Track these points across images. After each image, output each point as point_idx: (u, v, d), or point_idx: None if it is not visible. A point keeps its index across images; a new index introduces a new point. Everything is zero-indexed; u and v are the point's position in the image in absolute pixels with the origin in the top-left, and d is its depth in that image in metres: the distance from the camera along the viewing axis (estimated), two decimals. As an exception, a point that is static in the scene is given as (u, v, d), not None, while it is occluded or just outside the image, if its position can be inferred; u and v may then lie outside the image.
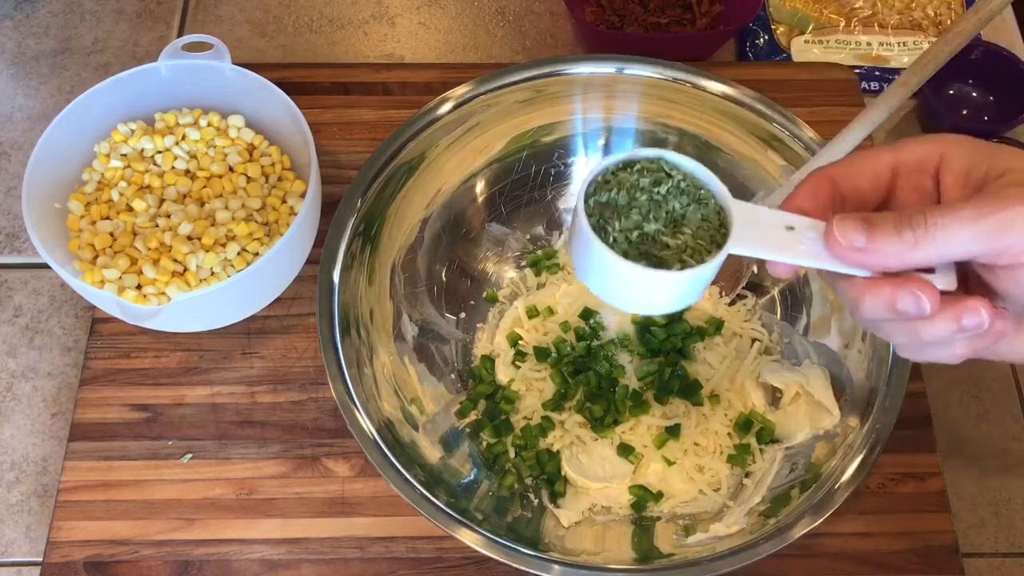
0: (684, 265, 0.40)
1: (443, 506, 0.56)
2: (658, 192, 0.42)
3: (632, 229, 0.42)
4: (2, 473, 0.67)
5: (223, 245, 0.64)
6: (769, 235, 0.41)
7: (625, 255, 0.40)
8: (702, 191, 0.43)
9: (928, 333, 0.40)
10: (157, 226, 0.65)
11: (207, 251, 0.63)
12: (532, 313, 0.68)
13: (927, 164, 0.42)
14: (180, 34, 0.87)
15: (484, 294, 0.70)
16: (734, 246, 0.41)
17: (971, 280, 0.43)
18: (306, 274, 0.68)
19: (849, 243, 0.40)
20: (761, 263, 0.67)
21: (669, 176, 0.43)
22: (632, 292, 0.42)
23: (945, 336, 0.40)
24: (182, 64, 0.68)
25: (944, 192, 0.42)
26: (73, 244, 0.64)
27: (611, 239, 0.41)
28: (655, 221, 0.42)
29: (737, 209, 0.42)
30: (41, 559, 0.61)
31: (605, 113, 0.70)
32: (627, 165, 0.43)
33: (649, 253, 0.41)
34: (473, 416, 0.65)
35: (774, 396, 0.65)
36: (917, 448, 0.64)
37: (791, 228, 0.41)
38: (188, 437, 0.64)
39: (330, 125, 0.75)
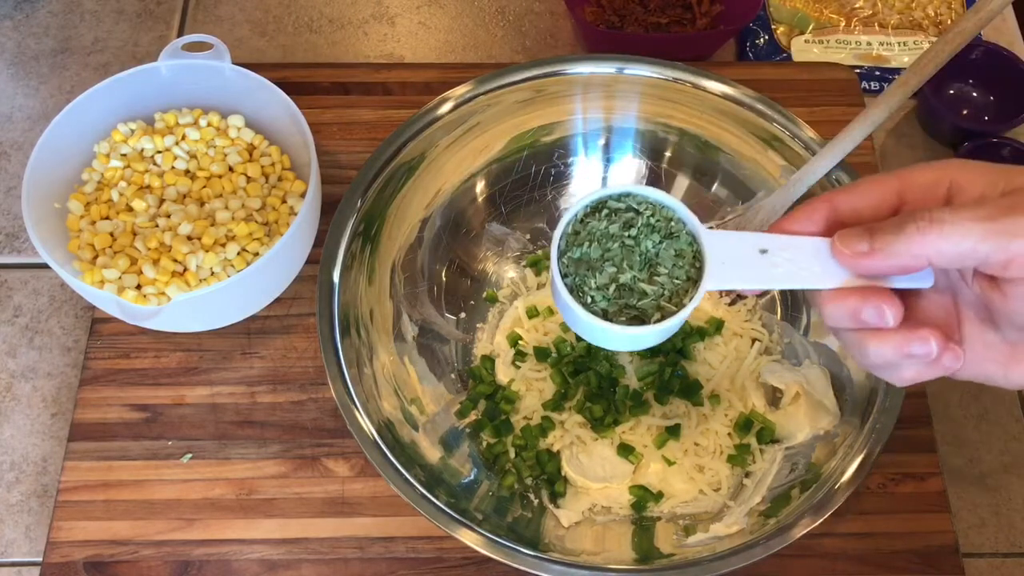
0: (663, 313, 0.42)
1: (443, 506, 0.56)
2: (628, 236, 0.43)
3: (608, 284, 0.42)
4: (2, 473, 0.67)
5: (223, 245, 0.64)
6: (743, 264, 0.41)
7: (604, 313, 0.42)
8: (672, 222, 0.43)
9: (875, 353, 0.40)
10: (157, 226, 0.65)
11: (207, 251, 0.63)
12: (532, 313, 0.68)
13: (937, 190, 0.40)
14: (180, 34, 0.87)
15: (484, 294, 0.70)
16: (710, 283, 0.41)
17: (964, 307, 0.42)
18: (306, 274, 0.68)
19: (853, 251, 0.39)
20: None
21: (638, 213, 0.43)
22: (618, 341, 0.44)
23: (891, 358, 0.40)
24: (182, 64, 0.68)
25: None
26: (73, 244, 0.64)
27: (589, 298, 0.42)
28: (630, 269, 0.42)
29: (708, 241, 0.42)
30: (41, 559, 0.61)
31: (605, 113, 0.70)
32: (596, 209, 0.43)
33: (628, 306, 0.42)
34: (473, 416, 0.65)
35: (774, 396, 0.65)
36: (917, 448, 0.64)
37: (764, 251, 0.41)
38: (188, 437, 0.64)
39: (330, 125, 0.75)
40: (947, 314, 0.42)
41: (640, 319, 0.42)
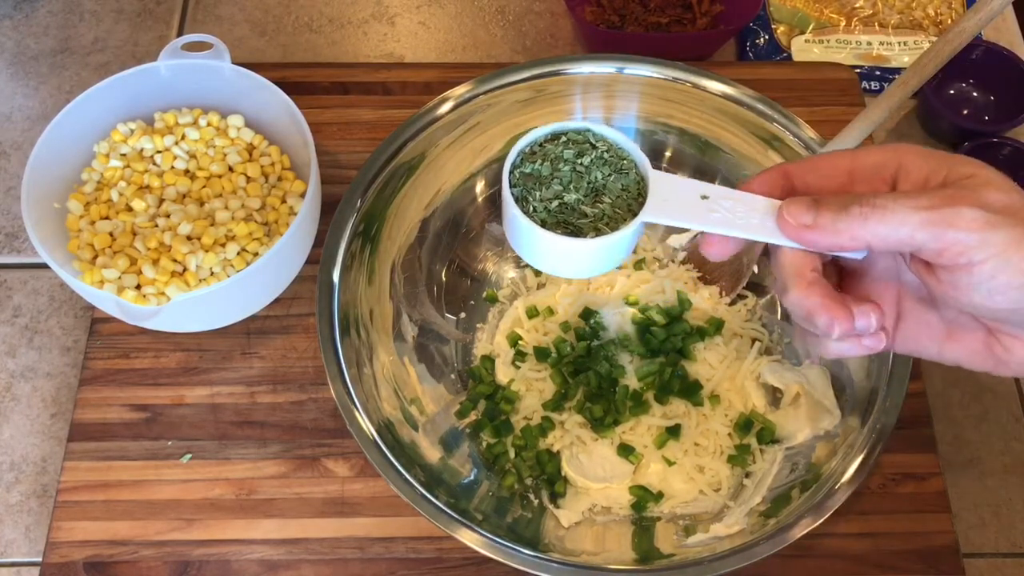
0: (598, 233, 0.43)
1: (443, 506, 0.56)
2: (581, 163, 0.45)
3: (552, 199, 0.44)
4: (2, 473, 0.67)
5: (223, 245, 0.64)
6: (682, 204, 0.43)
7: (543, 223, 0.43)
8: (624, 161, 0.45)
9: (823, 323, 0.41)
10: (157, 226, 0.64)
11: (207, 251, 0.63)
12: (532, 313, 0.68)
13: (884, 172, 0.42)
14: (180, 34, 0.87)
15: (484, 294, 0.70)
16: (648, 215, 0.43)
17: (905, 285, 0.44)
18: (306, 274, 0.68)
19: (797, 221, 0.41)
20: (763, 263, 0.67)
21: (594, 147, 0.45)
22: (552, 257, 0.45)
23: (831, 332, 0.41)
24: (182, 64, 0.68)
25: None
26: (73, 244, 0.64)
27: (531, 208, 0.44)
28: (576, 191, 0.44)
29: (655, 179, 0.44)
30: (41, 559, 0.61)
31: (605, 113, 0.70)
32: (555, 137, 0.45)
33: (567, 222, 0.44)
34: (473, 416, 0.65)
35: (774, 396, 0.65)
36: (917, 448, 0.64)
37: (705, 197, 0.43)
38: (188, 437, 0.64)
39: (330, 125, 0.75)
40: (888, 289, 0.45)
41: (574, 234, 0.43)
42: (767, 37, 0.85)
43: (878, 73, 0.84)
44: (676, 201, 0.43)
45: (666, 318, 0.66)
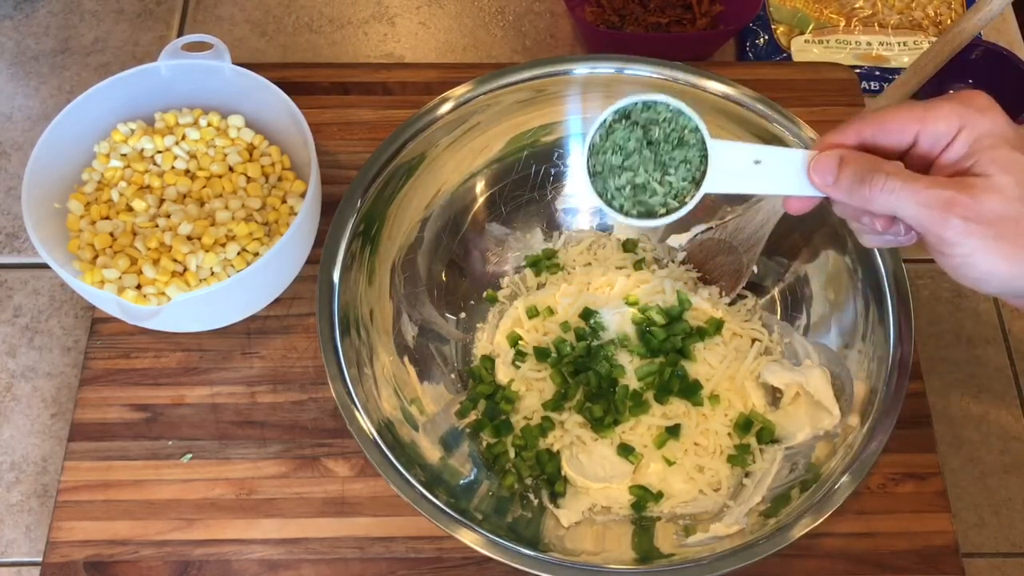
0: (667, 209, 0.51)
1: (443, 506, 0.56)
2: (648, 144, 0.51)
3: (625, 185, 0.51)
4: (2, 473, 0.67)
5: (223, 245, 0.64)
6: (738, 171, 0.49)
7: (621, 209, 0.52)
8: (687, 131, 0.50)
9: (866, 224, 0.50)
10: (157, 226, 0.65)
11: (207, 251, 0.63)
12: (532, 313, 0.68)
13: (944, 140, 0.46)
14: (180, 34, 0.87)
15: (484, 294, 0.70)
16: (709, 186, 0.50)
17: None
18: (306, 274, 0.68)
19: (821, 180, 0.48)
20: (763, 263, 0.67)
21: (657, 124, 0.50)
22: (631, 225, 0.56)
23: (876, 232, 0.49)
24: (182, 64, 0.68)
25: (937, 161, 0.47)
26: (73, 244, 0.64)
27: (610, 196, 0.52)
28: (645, 172, 0.51)
29: (714, 148, 0.49)
30: (41, 559, 0.61)
31: (605, 113, 0.70)
32: (622, 116, 0.51)
33: (640, 201, 0.51)
34: (473, 416, 0.65)
35: (774, 396, 0.65)
36: (917, 448, 0.64)
37: (758, 162, 0.49)
38: (188, 437, 0.64)
39: (330, 125, 0.75)
40: None
41: (649, 214, 0.51)
42: (767, 37, 0.85)
43: (878, 73, 0.84)
44: (733, 170, 0.49)
45: (666, 318, 0.66)
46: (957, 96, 0.46)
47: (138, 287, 0.62)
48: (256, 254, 0.64)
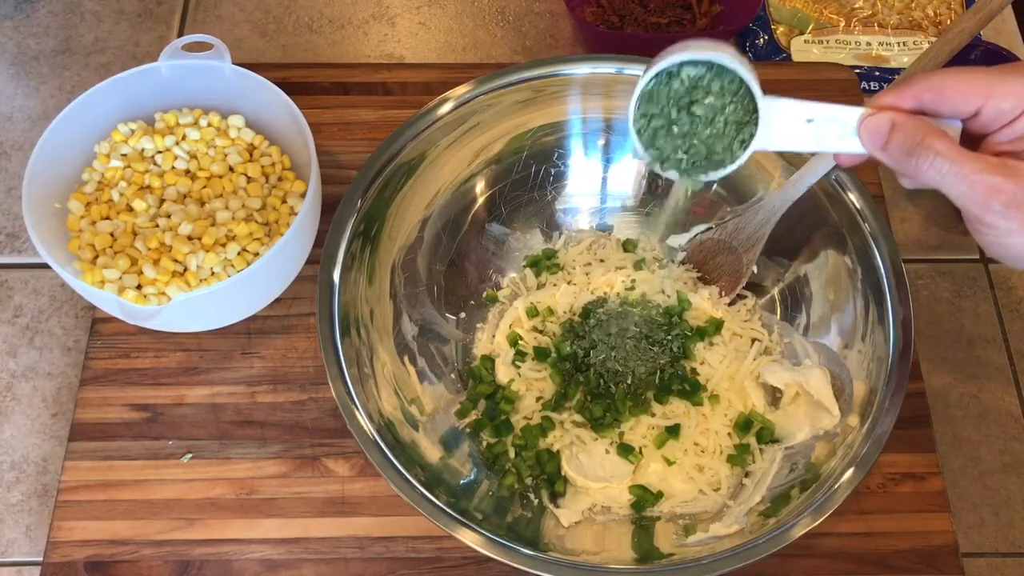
0: (719, 166, 0.50)
1: (443, 506, 0.56)
2: (698, 98, 0.49)
3: (679, 138, 0.50)
4: (2, 473, 0.67)
5: (223, 245, 0.64)
6: (789, 130, 0.48)
7: (678, 164, 0.51)
8: (735, 84, 0.48)
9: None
10: (157, 226, 0.65)
11: (207, 251, 0.63)
12: (532, 313, 0.68)
13: (1007, 117, 0.46)
14: (180, 34, 0.87)
15: (484, 294, 0.70)
16: (759, 144, 0.49)
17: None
18: (306, 274, 0.68)
19: (871, 143, 0.47)
20: (763, 263, 0.67)
21: (706, 81, 0.48)
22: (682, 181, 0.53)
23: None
24: (182, 64, 0.68)
25: (992, 136, 0.46)
26: (73, 244, 0.64)
27: (664, 155, 0.51)
28: (694, 128, 0.50)
29: (764, 106, 0.48)
30: (41, 559, 0.61)
31: (605, 113, 0.70)
32: (669, 74, 0.49)
33: (694, 159, 0.51)
34: (473, 416, 0.65)
35: (774, 396, 0.65)
36: (917, 448, 0.64)
37: (810, 120, 0.48)
38: (188, 437, 0.64)
39: (330, 125, 0.75)
40: None
41: (698, 170, 0.51)
42: (767, 37, 0.85)
43: (877, 73, 0.84)
44: (783, 128, 0.48)
45: (666, 318, 0.67)
46: None
47: (138, 287, 0.62)
48: (256, 254, 0.64)
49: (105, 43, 0.86)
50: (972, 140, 0.47)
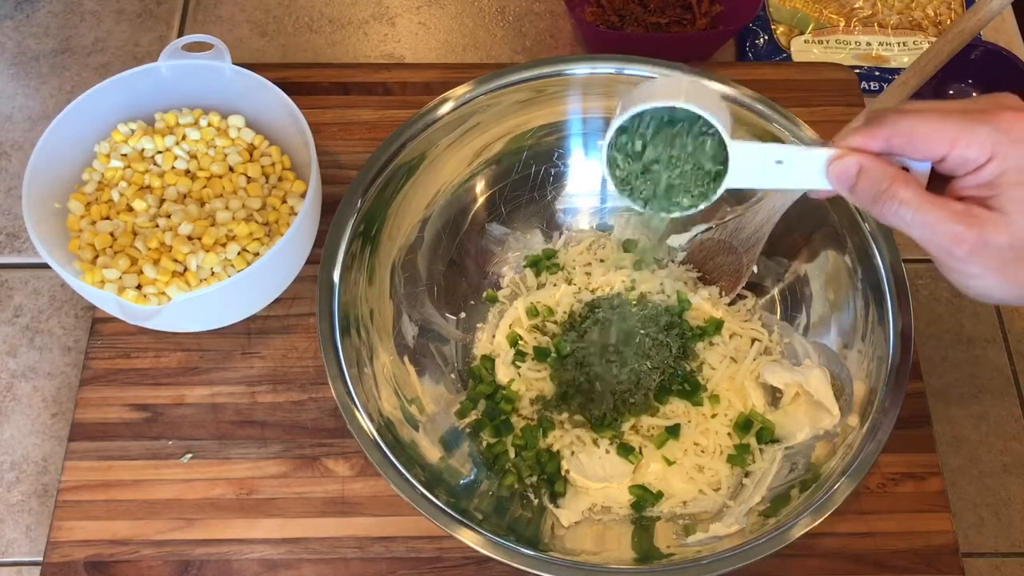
0: (691, 203, 0.51)
1: (443, 506, 0.56)
2: (671, 155, 0.50)
3: (648, 182, 0.51)
4: (2, 473, 0.67)
5: (223, 245, 0.64)
6: (759, 170, 0.49)
7: (645, 202, 0.52)
8: (704, 127, 0.49)
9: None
10: (157, 226, 0.65)
11: (207, 251, 0.63)
12: (532, 313, 0.68)
13: (971, 166, 0.45)
14: (180, 34, 0.87)
15: (484, 294, 0.70)
16: (729, 183, 0.49)
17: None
18: (306, 274, 0.68)
19: (838, 184, 0.48)
20: (763, 263, 0.67)
21: (673, 123, 0.49)
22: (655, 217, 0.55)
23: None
24: (182, 64, 0.68)
25: (957, 181, 0.47)
26: (73, 244, 0.64)
27: (638, 192, 0.52)
28: (666, 170, 0.50)
29: (734, 149, 0.49)
30: (41, 559, 0.61)
31: (605, 113, 0.70)
32: (636, 117, 0.49)
33: (661, 195, 0.52)
34: (473, 416, 0.65)
35: (774, 396, 0.65)
36: (917, 448, 0.64)
37: (779, 162, 0.49)
38: (188, 437, 0.64)
39: (330, 125, 0.75)
40: None
41: (669, 208, 0.52)
42: (767, 37, 0.85)
43: (877, 73, 0.84)
44: (753, 168, 0.49)
45: (666, 318, 0.66)
46: (995, 118, 0.45)
47: (138, 287, 0.62)
48: (256, 254, 0.64)
49: (105, 43, 0.86)
50: (942, 179, 0.47)
